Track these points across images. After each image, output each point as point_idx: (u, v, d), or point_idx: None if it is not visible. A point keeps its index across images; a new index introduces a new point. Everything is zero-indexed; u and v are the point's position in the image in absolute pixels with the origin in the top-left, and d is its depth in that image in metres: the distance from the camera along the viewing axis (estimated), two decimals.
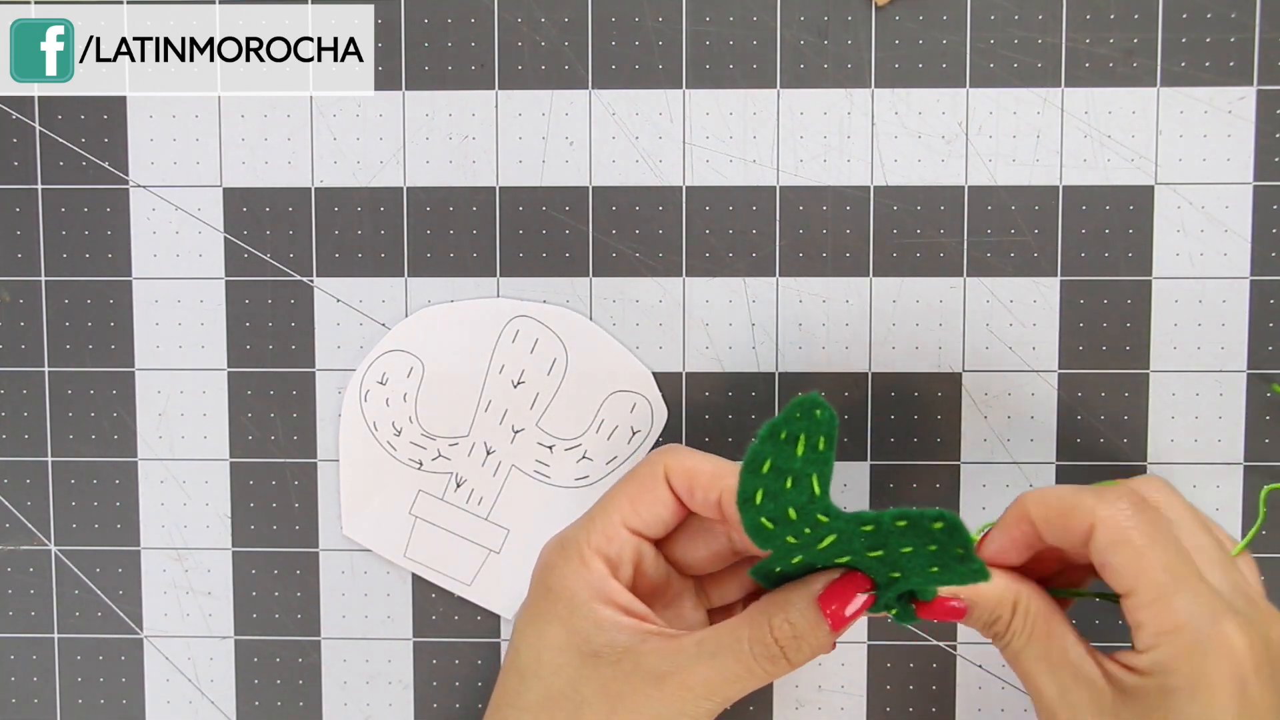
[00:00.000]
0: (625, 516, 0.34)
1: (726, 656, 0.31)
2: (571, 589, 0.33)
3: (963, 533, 0.28)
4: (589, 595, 0.33)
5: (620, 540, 0.34)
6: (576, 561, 0.33)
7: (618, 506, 0.34)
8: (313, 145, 0.40)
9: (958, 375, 0.40)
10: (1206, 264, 0.39)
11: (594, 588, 0.33)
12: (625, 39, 0.40)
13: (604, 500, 0.34)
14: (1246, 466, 0.40)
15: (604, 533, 0.33)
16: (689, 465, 0.34)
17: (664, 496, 0.34)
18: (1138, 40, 0.39)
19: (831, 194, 0.40)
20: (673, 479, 0.34)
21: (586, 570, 0.33)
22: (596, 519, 0.34)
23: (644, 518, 0.34)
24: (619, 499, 0.34)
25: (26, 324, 0.41)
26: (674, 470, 0.34)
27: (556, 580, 0.33)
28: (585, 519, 0.34)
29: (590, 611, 0.32)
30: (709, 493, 0.33)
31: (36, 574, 0.42)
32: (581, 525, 0.34)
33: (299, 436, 0.41)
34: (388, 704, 0.41)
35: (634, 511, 0.34)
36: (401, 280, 0.40)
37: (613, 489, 0.35)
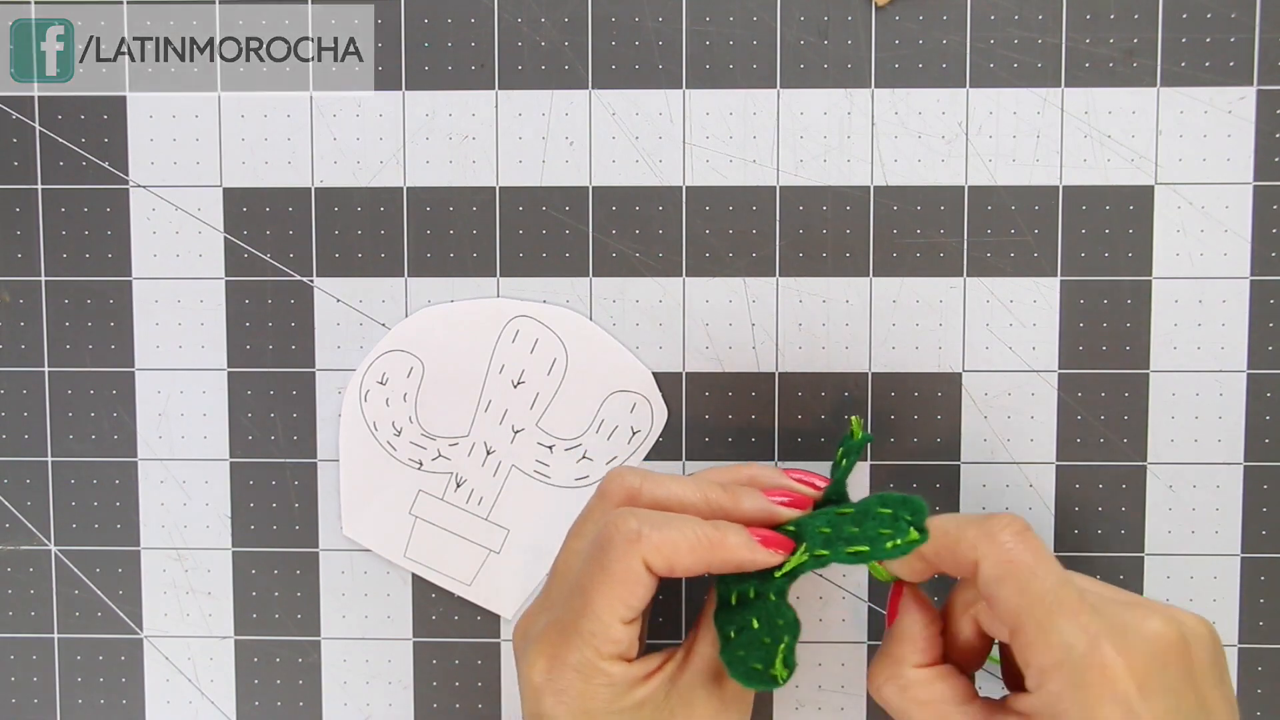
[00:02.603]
0: (623, 616, 0.32)
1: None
2: (603, 699, 0.32)
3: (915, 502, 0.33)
4: (619, 694, 0.33)
5: (623, 634, 0.32)
6: (599, 679, 0.32)
7: (613, 612, 0.32)
8: (313, 145, 0.40)
9: (958, 375, 0.40)
10: (1206, 264, 0.39)
11: (621, 685, 0.33)
12: (625, 39, 0.40)
13: (591, 606, 0.32)
14: (1246, 466, 0.40)
15: (610, 640, 0.32)
16: (663, 546, 0.32)
17: (650, 582, 0.32)
18: (1138, 40, 0.39)
19: (831, 194, 0.40)
20: (654, 566, 0.32)
21: (610, 679, 0.32)
22: (597, 631, 0.32)
23: (637, 608, 0.33)
24: (611, 603, 0.32)
25: (26, 324, 0.41)
26: (653, 560, 0.32)
27: (578, 702, 0.32)
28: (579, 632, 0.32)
29: (629, 703, 0.33)
30: (694, 566, 0.32)
31: (36, 574, 0.42)
32: (582, 641, 0.32)
33: (299, 436, 0.41)
34: (388, 704, 0.41)
35: (629, 609, 0.32)
36: (401, 280, 0.40)
37: (595, 590, 0.32)
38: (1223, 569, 0.40)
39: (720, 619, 0.33)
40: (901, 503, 0.33)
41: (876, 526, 0.33)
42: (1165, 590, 0.40)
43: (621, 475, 0.34)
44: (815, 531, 0.33)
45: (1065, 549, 0.40)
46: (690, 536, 0.32)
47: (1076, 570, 0.40)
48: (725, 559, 0.32)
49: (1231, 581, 0.40)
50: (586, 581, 0.32)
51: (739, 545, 0.33)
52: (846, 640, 0.40)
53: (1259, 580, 0.40)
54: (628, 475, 0.34)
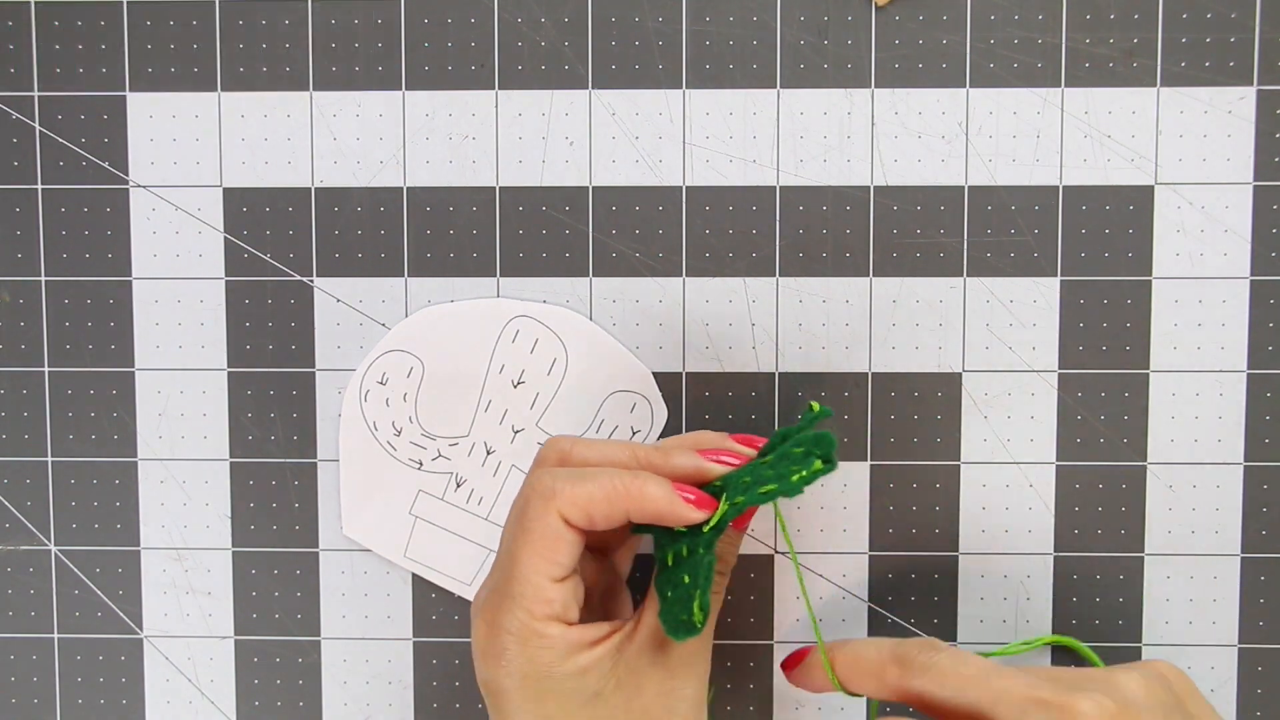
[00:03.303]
0: (550, 574, 0.32)
1: None
2: (542, 664, 0.32)
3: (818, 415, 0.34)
4: (561, 658, 0.32)
5: (558, 595, 0.32)
6: (533, 640, 0.32)
7: (538, 569, 0.32)
8: (313, 145, 0.40)
9: (958, 375, 0.40)
10: (1206, 264, 0.39)
11: (562, 649, 0.32)
12: (625, 39, 0.40)
13: (517, 567, 0.32)
14: (1246, 466, 0.40)
15: (540, 599, 0.32)
16: (577, 499, 0.32)
17: (573, 537, 0.32)
18: (1138, 40, 0.39)
19: (831, 194, 0.40)
20: (571, 519, 0.32)
21: (545, 639, 0.32)
22: (525, 591, 0.32)
23: (565, 564, 0.32)
24: (534, 560, 0.32)
25: (26, 324, 0.41)
26: (569, 513, 0.32)
27: (523, 666, 0.32)
28: (509, 594, 0.32)
29: (571, 668, 0.32)
30: (612, 516, 0.32)
31: (36, 574, 0.42)
32: (511, 602, 0.32)
33: (299, 436, 0.41)
34: (388, 704, 0.41)
35: (555, 565, 0.32)
36: (401, 280, 0.40)
37: (518, 551, 0.32)
38: (1223, 569, 0.40)
39: (659, 581, 0.34)
40: (814, 441, 0.32)
41: (788, 465, 0.32)
42: (1165, 590, 0.40)
43: (555, 440, 0.34)
44: (737, 482, 0.33)
45: (1065, 549, 0.40)
46: (606, 486, 0.32)
47: (1075, 571, 0.40)
48: (644, 508, 0.32)
49: (1231, 581, 0.40)
50: (511, 544, 0.33)
51: (659, 496, 0.32)
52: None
53: (1259, 580, 0.40)
54: (561, 440, 0.34)
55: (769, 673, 0.41)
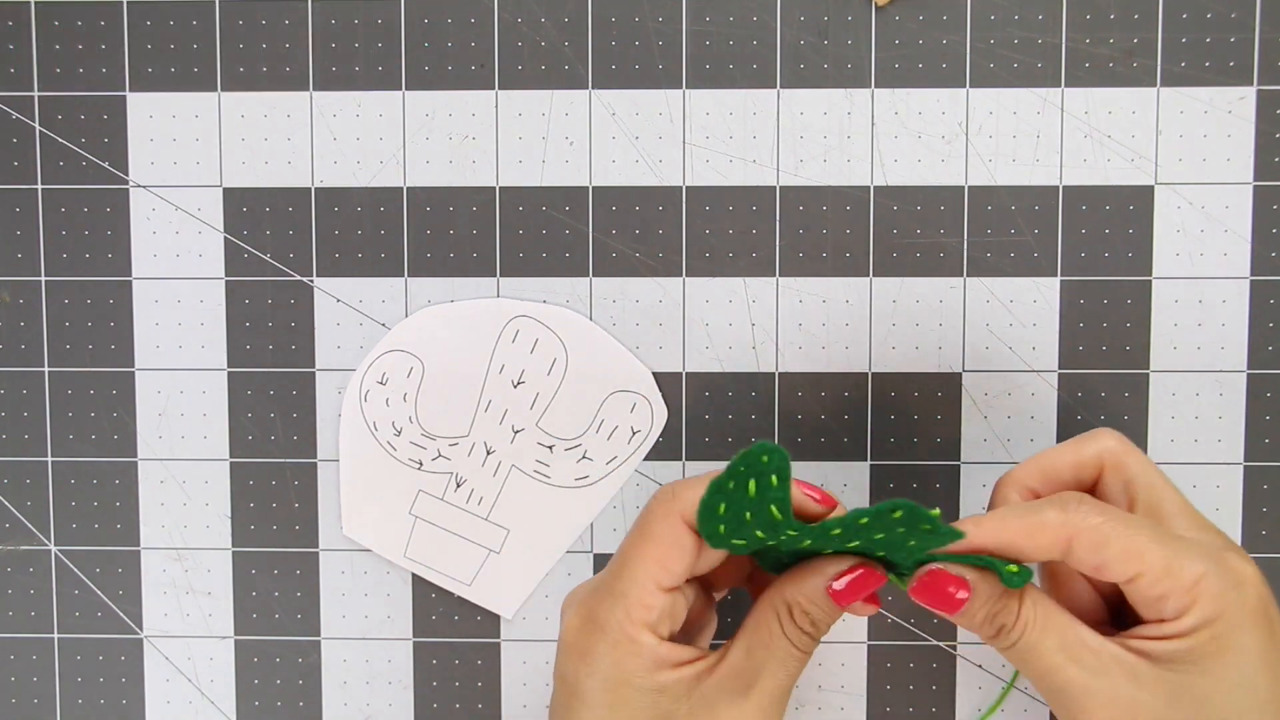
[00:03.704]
0: (659, 580, 0.32)
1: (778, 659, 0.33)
2: (626, 670, 0.32)
3: (922, 513, 0.29)
4: (646, 669, 0.32)
5: (660, 604, 0.32)
6: (625, 644, 0.32)
7: (648, 573, 0.32)
8: (313, 145, 0.40)
9: (958, 375, 0.40)
10: (1206, 264, 0.39)
11: (649, 660, 0.32)
12: (625, 39, 0.40)
13: (628, 566, 0.32)
14: (1246, 466, 0.40)
15: (642, 603, 0.32)
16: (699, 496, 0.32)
17: (690, 545, 0.32)
18: (1138, 40, 0.39)
19: (831, 194, 0.40)
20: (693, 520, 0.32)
21: (636, 646, 0.32)
22: (630, 591, 0.32)
23: (676, 572, 0.32)
24: (645, 563, 0.32)
25: (26, 324, 0.41)
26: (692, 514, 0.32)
27: (608, 668, 0.32)
28: (613, 592, 0.32)
29: (651, 683, 0.32)
30: None
31: (36, 574, 0.42)
32: (613, 600, 0.32)
33: (299, 436, 0.41)
34: (388, 704, 0.41)
35: (666, 571, 0.32)
36: (401, 280, 0.40)
37: (632, 551, 0.33)
38: None
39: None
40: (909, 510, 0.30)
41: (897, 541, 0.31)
42: None
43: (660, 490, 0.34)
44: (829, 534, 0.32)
45: None
46: None
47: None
48: None
49: None
50: (627, 547, 0.33)
51: None
52: (846, 640, 0.40)
53: None
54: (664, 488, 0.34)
55: None
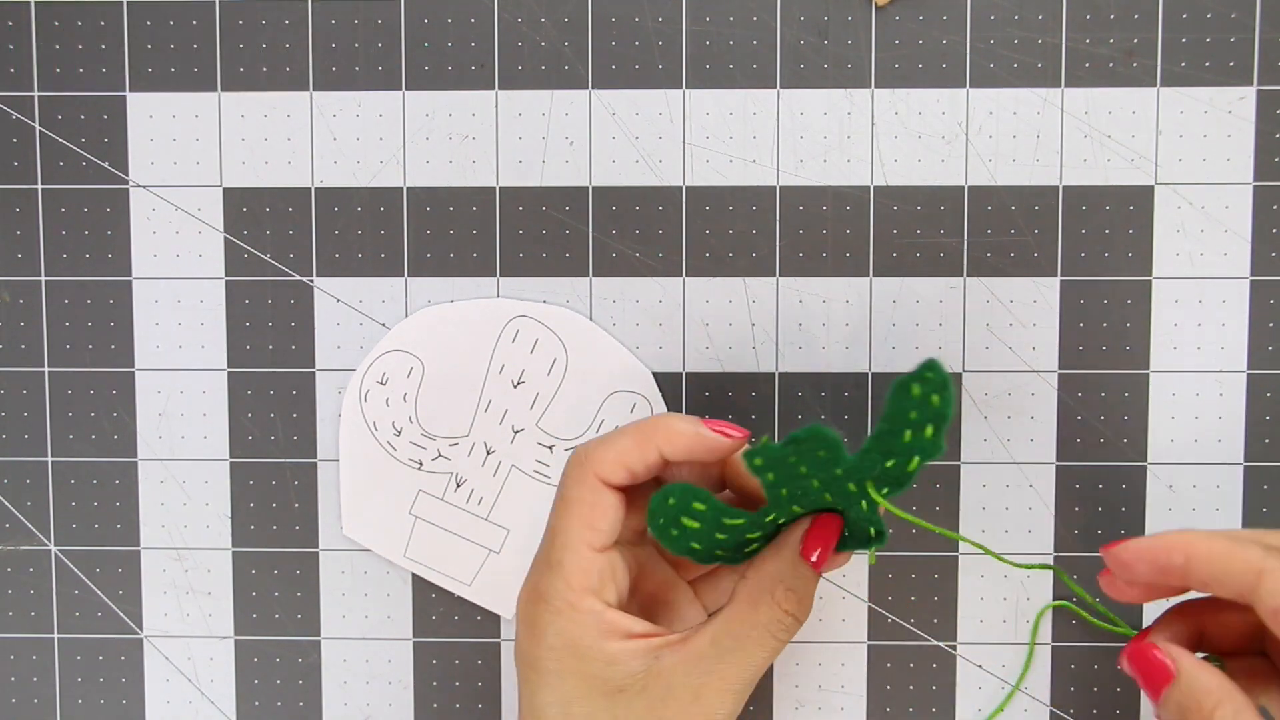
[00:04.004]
0: (589, 541, 0.32)
1: (749, 647, 0.32)
2: (572, 638, 0.32)
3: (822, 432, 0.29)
4: (593, 637, 0.32)
5: (596, 565, 0.32)
6: (567, 611, 0.32)
7: (578, 535, 0.32)
8: (313, 145, 0.40)
9: (958, 375, 0.40)
10: (1206, 264, 0.39)
11: (594, 627, 0.32)
12: (625, 39, 0.40)
13: (557, 535, 0.33)
14: (1246, 466, 0.40)
15: (579, 568, 0.32)
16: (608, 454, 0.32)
17: (612, 502, 0.32)
18: (1138, 40, 0.39)
19: (831, 194, 0.40)
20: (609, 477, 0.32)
21: (579, 614, 0.32)
22: (564, 559, 0.32)
23: (604, 530, 0.32)
24: (572, 527, 0.32)
25: (26, 324, 0.41)
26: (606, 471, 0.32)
27: (554, 638, 0.32)
28: (548, 562, 0.33)
29: (599, 653, 0.32)
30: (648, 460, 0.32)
31: (36, 574, 0.42)
32: (550, 570, 0.32)
33: (299, 436, 0.41)
34: (388, 704, 0.41)
35: (593, 531, 0.32)
36: (401, 280, 0.40)
37: (556, 520, 0.33)
38: None
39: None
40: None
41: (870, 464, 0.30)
42: None
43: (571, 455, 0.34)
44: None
45: (1065, 549, 0.40)
46: (632, 433, 0.32)
47: (1075, 571, 0.40)
48: (674, 442, 0.32)
49: None
50: (552, 517, 0.33)
51: (685, 428, 0.32)
52: (846, 640, 0.40)
53: None
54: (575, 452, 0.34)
55: (769, 674, 0.41)
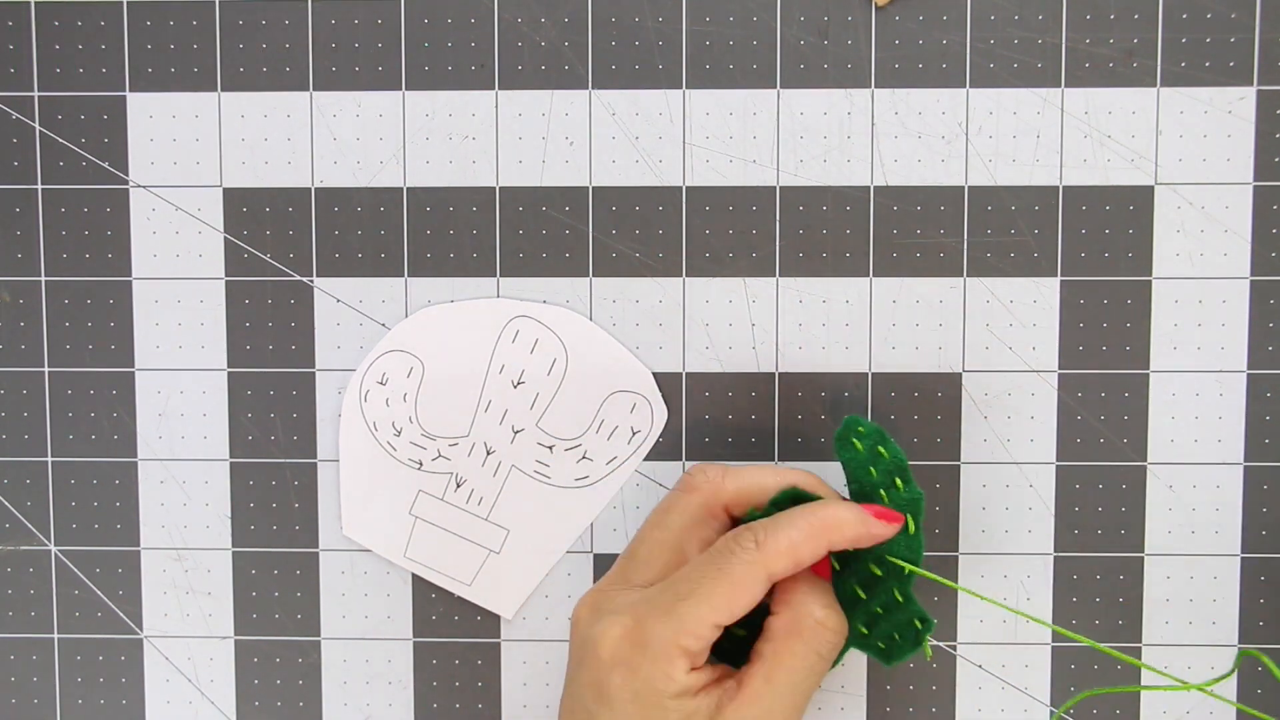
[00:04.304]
0: (719, 617, 0.32)
1: (801, 674, 0.33)
2: (658, 691, 0.32)
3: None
4: (675, 693, 0.32)
5: (709, 638, 0.33)
6: (665, 666, 0.32)
7: (714, 609, 0.32)
8: (313, 145, 0.40)
9: (958, 375, 0.40)
10: (1206, 264, 0.39)
11: (680, 685, 0.32)
12: (625, 39, 0.40)
13: (696, 595, 0.33)
14: (1246, 466, 0.40)
15: (696, 634, 0.32)
16: (781, 546, 0.33)
17: (760, 591, 0.33)
18: (1138, 40, 0.39)
19: (831, 194, 0.40)
20: (778, 573, 0.33)
21: (674, 672, 0.32)
22: (688, 618, 0.32)
23: (736, 614, 0.33)
24: (715, 600, 0.32)
25: (26, 324, 0.41)
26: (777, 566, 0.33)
27: (642, 686, 0.32)
28: (670, 612, 0.33)
29: (677, 708, 0.32)
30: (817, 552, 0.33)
31: (36, 574, 0.42)
32: (668, 621, 0.32)
33: (299, 436, 0.41)
34: (388, 704, 0.41)
35: (729, 614, 0.33)
36: (401, 280, 0.40)
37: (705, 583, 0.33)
38: (1223, 569, 0.40)
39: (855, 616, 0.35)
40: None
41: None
42: (1165, 590, 0.40)
43: (704, 469, 0.35)
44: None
45: (1065, 549, 0.40)
46: (804, 527, 0.33)
47: (1075, 571, 0.40)
48: (843, 534, 0.33)
49: (1231, 581, 0.40)
50: (698, 575, 0.33)
51: (852, 519, 0.33)
52: None
53: (1259, 580, 0.40)
54: (710, 469, 0.35)
55: None
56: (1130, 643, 0.40)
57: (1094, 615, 0.40)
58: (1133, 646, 0.40)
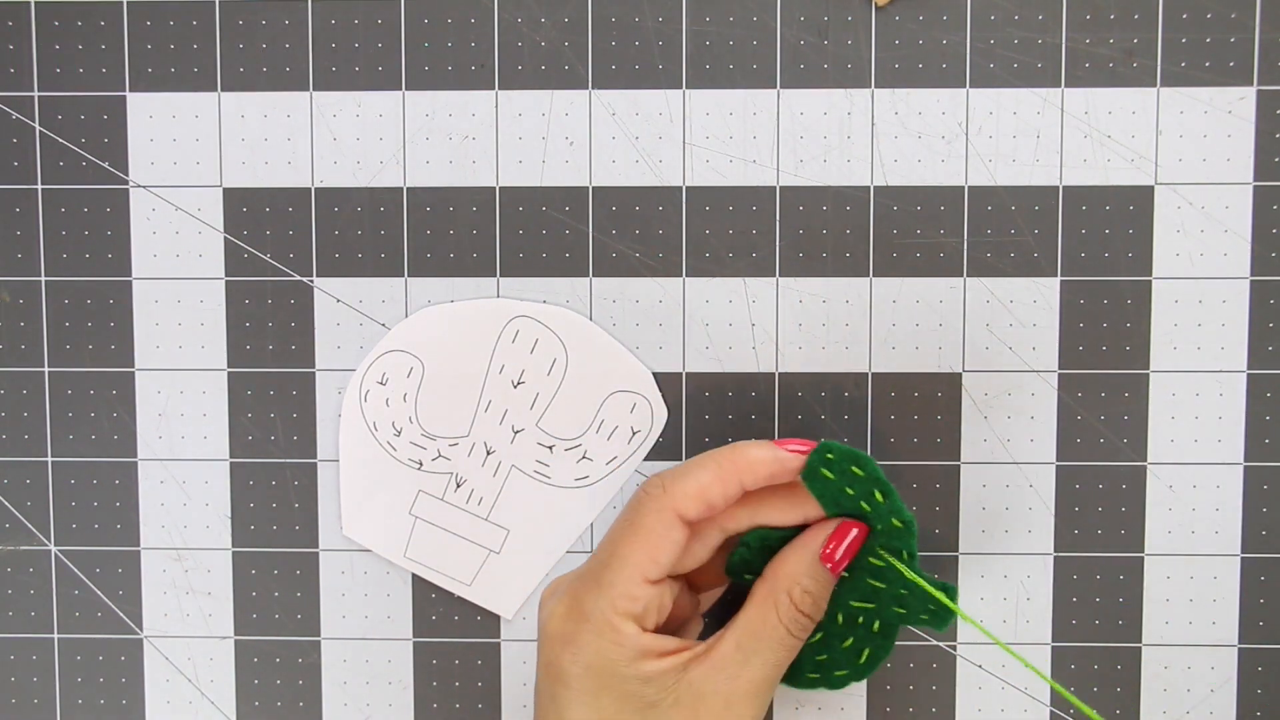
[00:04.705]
0: (646, 572, 0.33)
1: (770, 647, 0.33)
2: (609, 659, 0.33)
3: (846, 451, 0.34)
4: (629, 659, 0.33)
5: (645, 595, 0.33)
6: (608, 633, 0.33)
7: (636, 564, 0.33)
8: (313, 145, 0.40)
9: (958, 375, 0.40)
10: (1206, 264, 0.39)
11: (632, 650, 0.33)
12: (625, 39, 0.40)
13: (616, 557, 0.33)
14: (1246, 466, 0.40)
15: (628, 595, 0.33)
16: (689, 489, 0.33)
17: (680, 539, 0.33)
18: (1138, 40, 0.39)
19: (831, 194, 0.40)
20: (688, 512, 0.33)
21: (620, 636, 0.33)
22: (616, 581, 0.33)
23: (663, 565, 0.33)
24: (634, 555, 0.33)
25: (26, 324, 0.41)
26: (686, 507, 0.33)
27: (592, 657, 0.33)
28: (599, 581, 0.33)
29: (635, 673, 0.33)
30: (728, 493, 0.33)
31: (36, 574, 0.42)
32: (599, 590, 0.33)
33: (299, 436, 0.41)
34: (388, 704, 0.41)
35: (653, 564, 0.33)
36: (401, 280, 0.40)
37: (621, 542, 0.33)
38: (1223, 569, 0.40)
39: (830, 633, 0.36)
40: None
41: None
42: (1165, 590, 0.40)
43: (648, 483, 0.35)
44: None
45: (1065, 549, 0.40)
46: (712, 467, 0.33)
47: (1075, 571, 0.40)
48: (755, 471, 0.33)
49: (1231, 581, 0.40)
50: (616, 537, 0.34)
51: (764, 455, 0.34)
52: None
53: (1259, 580, 0.40)
54: (652, 480, 0.35)
55: None
56: (1130, 643, 0.40)
57: (1094, 615, 0.40)
58: (1133, 647, 0.40)
